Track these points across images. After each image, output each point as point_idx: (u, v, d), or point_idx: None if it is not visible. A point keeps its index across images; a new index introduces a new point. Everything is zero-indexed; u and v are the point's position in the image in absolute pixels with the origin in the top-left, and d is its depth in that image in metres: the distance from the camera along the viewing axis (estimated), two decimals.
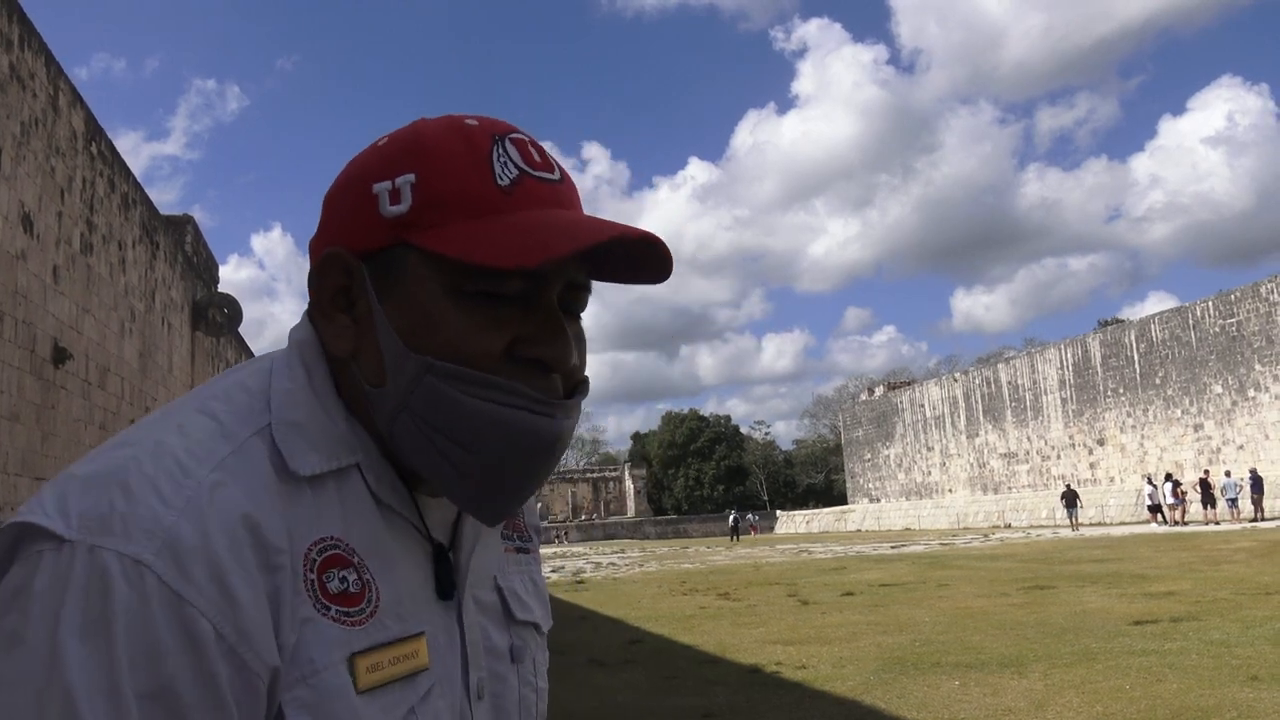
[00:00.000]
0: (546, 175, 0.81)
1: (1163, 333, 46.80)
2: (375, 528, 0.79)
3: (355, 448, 0.80)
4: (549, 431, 0.78)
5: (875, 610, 13.85)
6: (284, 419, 0.77)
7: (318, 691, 0.70)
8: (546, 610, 0.98)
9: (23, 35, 11.43)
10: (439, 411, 0.77)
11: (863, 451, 73.39)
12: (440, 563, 0.83)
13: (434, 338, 0.77)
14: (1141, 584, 15.24)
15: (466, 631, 0.84)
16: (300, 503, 0.74)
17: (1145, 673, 8.09)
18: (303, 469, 0.75)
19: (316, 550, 0.73)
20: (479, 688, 0.84)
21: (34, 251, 11.59)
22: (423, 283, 0.77)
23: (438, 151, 0.79)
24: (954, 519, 55.99)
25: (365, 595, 0.75)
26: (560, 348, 0.79)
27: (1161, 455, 46.40)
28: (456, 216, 0.77)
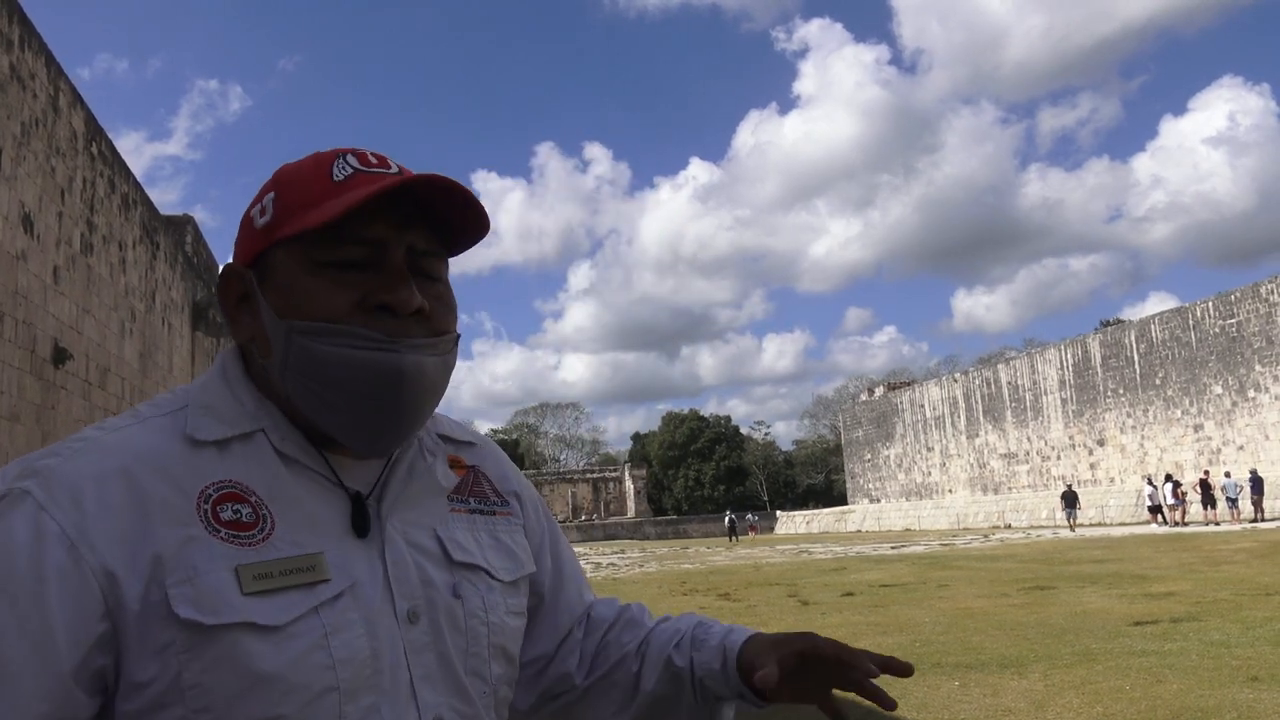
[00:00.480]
0: (381, 170, 1.01)
1: (1163, 333, 46.80)
2: (279, 477, 0.98)
3: (260, 419, 1.00)
4: (393, 365, 0.96)
5: (875, 611, 13.85)
6: (197, 403, 1.01)
7: (197, 588, 0.89)
8: (517, 564, 1.15)
9: (23, 36, 11.43)
10: (307, 363, 0.97)
11: (863, 452, 73.38)
12: (356, 507, 1.01)
13: (296, 306, 0.98)
14: (1142, 584, 15.24)
15: (390, 566, 1.00)
16: (201, 458, 0.96)
17: (1145, 673, 8.09)
18: (203, 435, 0.97)
19: (213, 488, 0.94)
20: (411, 613, 1.00)
21: (34, 252, 11.58)
22: (287, 266, 0.99)
23: (291, 173, 1.03)
24: (954, 519, 55.99)
25: (258, 525, 0.94)
26: (402, 294, 0.97)
27: (1162, 456, 46.40)
28: (301, 210, 0.99)
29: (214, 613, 0.88)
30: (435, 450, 1.12)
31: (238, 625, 0.89)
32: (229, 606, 0.89)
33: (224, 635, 0.88)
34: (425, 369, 0.99)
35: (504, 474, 1.22)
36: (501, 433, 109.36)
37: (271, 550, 0.93)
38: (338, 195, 0.97)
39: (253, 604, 0.90)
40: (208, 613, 0.88)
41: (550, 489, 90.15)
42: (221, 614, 0.89)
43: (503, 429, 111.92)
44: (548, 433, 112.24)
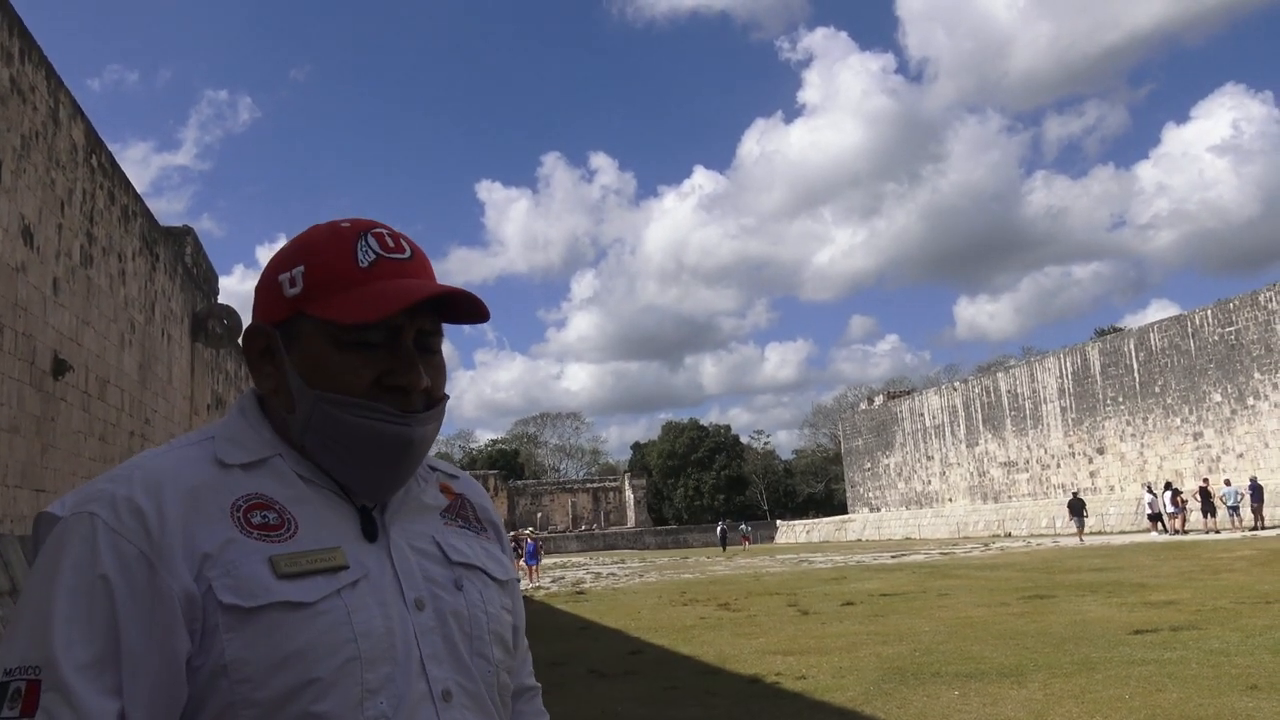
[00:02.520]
0: (398, 255, 1.20)
1: (1162, 341, 46.83)
2: (299, 491, 1.17)
3: (277, 447, 1.20)
4: (405, 436, 1.17)
5: (875, 620, 13.84)
6: (222, 435, 1.20)
7: (236, 578, 1.06)
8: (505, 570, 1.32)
9: (23, 48, 11.47)
10: (330, 428, 1.17)
11: (862, 461, 73.34)
12: (365, 517, 1.19)
13: (323, 377, 1.17)
14: (1141, 593, 15.23)
15: (397, 562, 1.17)
16: (231, 477, 1.14)
17: (1145, 682, 8.09)
18: (230, 459, 1.16)
19: (243, 499, 1.13)
20: (418, 601, 1.16)
21: (34, 264, 11.60)
22: (313, 340, 1.18)
23: (319, 248, 1.20)
24: (954, 528, 55.93)
25: (284, 525, 1.12)
26: (412, 376, 1.17)
27: (1161, 464, 46.37)
28: (332, 291, 1.17)
29: (252, 596, 1.06)
30: (428, 477, 1.32)
31: (274, 605, 1.06)
32: (265, 590, 1.06)
33: (262, 615, 1.05)
34: (426, 436, 1.20)
35: (485, 506, 1.40)
36: (501, 442, 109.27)
37: (298, 544, 1.11)
38: (364, 284, 1.16)
39: (286, 586, 1.07)
40: (247, 597, 1.06)
41: (550, 499, 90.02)
42: (259, 596, 1.06)
43: (503, 439, 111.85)
44: (548, 442, 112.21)
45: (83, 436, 13.23)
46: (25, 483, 11.12)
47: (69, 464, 12.52)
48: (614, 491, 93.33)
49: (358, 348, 1.16)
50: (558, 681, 10.21)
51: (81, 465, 12.95)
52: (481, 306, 1.22)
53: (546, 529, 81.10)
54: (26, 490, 11.15)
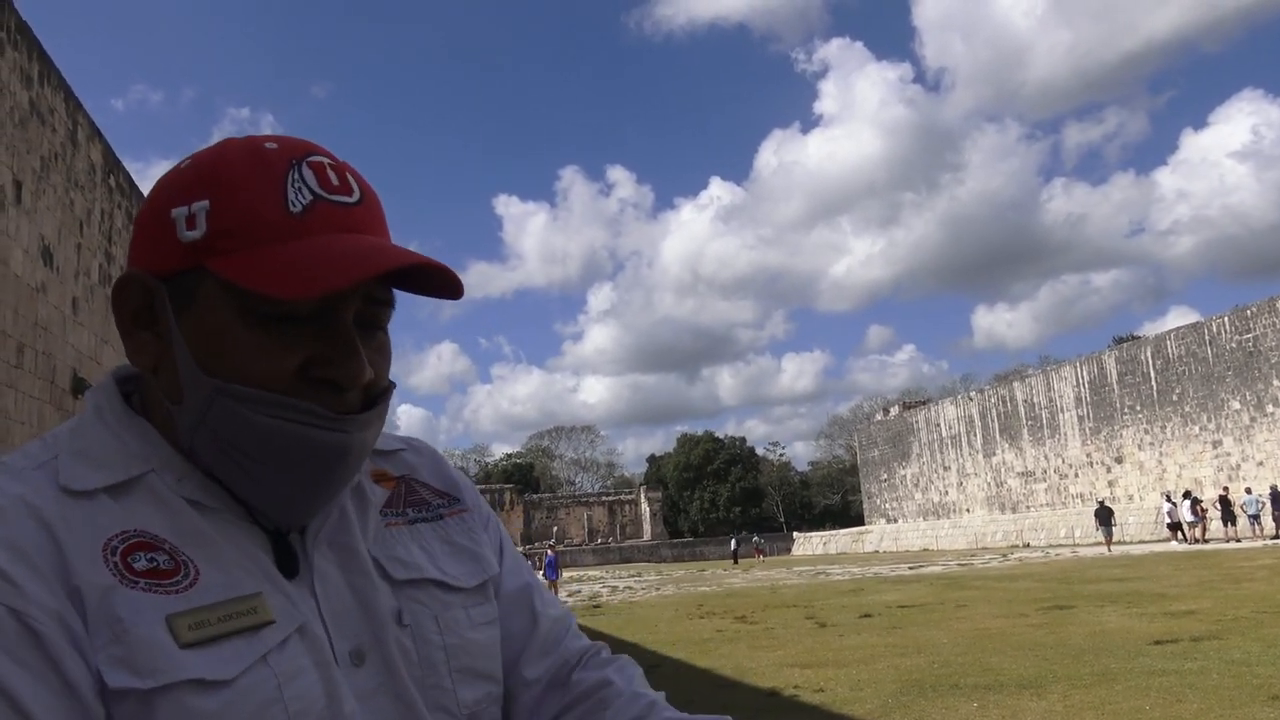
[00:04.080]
0: (342, 199, 0.86)
1: (1179, 349, 46.56)
2: (188, 520, 0.84)
3: (148, 459, 0.86)
4: (339, 445, 0.85)
5: (893, 632, 13.79)
6: (69, 449, 0.85)
7: (129, 646, 0.76)
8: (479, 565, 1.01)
9: (42, 71, 11.62)
10: (233, 429, 0.83)
11: (879, 472, 73.07)
12: (279, 546, 0.87)
13: (226, 361, 0.83)
14: (1162, 603, 15.13)
15: (323, 604, 0.87)
16: (91, 510, 0.81)
17: (1165, 693, 8.03)
18: (79, 485, 0.82)
19: (118, 539, 0.80)
20: (354, 654, 0.87)
21: (54, 284, 11.73)
22: (215, 308, 0.84)
23: (232, 177, 0.84)
24: (972, 539, 55.65)
25: (180, 571, 0.80)
26: (352, 367, 0.85)
27: (1180, 472, 46.06)
28: (246, 243, 0.82)
29: (151, 673, 0.75)
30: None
31: (180, 684, 0.75)
32: (168, 662, 0.76)
33: (165, 698, 0.75)
34: (366, 442, 0.89)
35: (444, 474, 1.07)
36: (516, 456, 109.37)
37: (202, 595, 0.80)
38: (295, 237, 0.83)
39: (193, 657, 0.77)
40: (145, 674, 0.75)
41: (566, 512, 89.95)
42: (160, 673, 0.75)
43: (518, 452, 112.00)
44: (563, 456, 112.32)
45: None
46: None
47: None
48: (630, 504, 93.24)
49: (279, 323, 0.83)
50: None
51: None
52: (454, 282, 0.88)
53: (562, 543, 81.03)
54: None
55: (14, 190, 10.65)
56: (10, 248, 10.54)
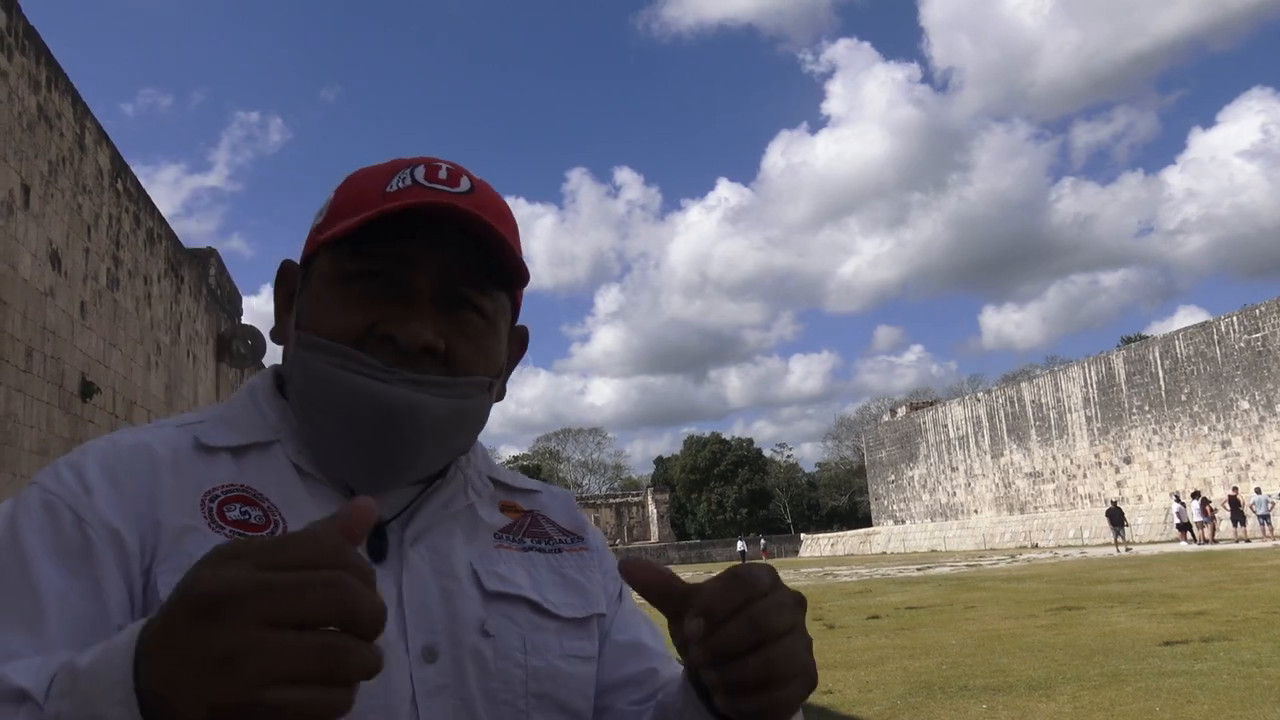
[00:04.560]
0: (445, 187, 0.93)
1: (1188, 349, 46.42)
2: (293, 488, 0.91)
3: (277, 431, 0.95)
4: (386, 397, 0.88)
5: (901, 633, 13.75)
6: (213, 416, 0.96)
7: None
8: (586, 600, 1.00)
9: (50, 76, 11.65)
10: (304, 378, 0.92)
11: (886, 473, 72.95)
12: (373, 530, 0.89)
13: (311, 317, 0.93)
14: (1171, 604, 15.07)
15: (406, 595, 0.89)
16: (212, 463, 0.90)
17: (1175, 694, 8.00)
18: (212, 441, 0.92)
19: (221, 490, 0.88)
20: (427, 650, 0.88)
21: (62, 288, 11.76)
22: (320, 274, 0.94)
23: (357, 177, 0.98)
24: (980, 540, 55.52)
25: (269, 526, 0.87)
26: (412, 326, 0.90)
27: (1189, 473, 45.91)
28: (343, 216, 0.93)
29: None
30: (483, 491, 1.02)
31: None
32: None
33: None
34: (423, 407, 0.90)
35: (574, 518, 1.09)
36: (524, 458, 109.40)
37: None
38: (377, 206, 0.90)
39: None
40: None
41: None
42: None
43: (525, 454, 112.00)
44: (570, 458, 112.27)
45: None
46: None
47: None
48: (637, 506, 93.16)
49: (358, 281, 0.91)
50: None
51: None
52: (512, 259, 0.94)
53: None
54: None
55: (22, 194, 10.68)
56: (19, 252, 10.58)
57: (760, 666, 0.72)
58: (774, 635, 0.72)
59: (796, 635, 0.74)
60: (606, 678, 1.01)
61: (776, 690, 0.73)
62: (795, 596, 0.76)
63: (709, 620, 0.73)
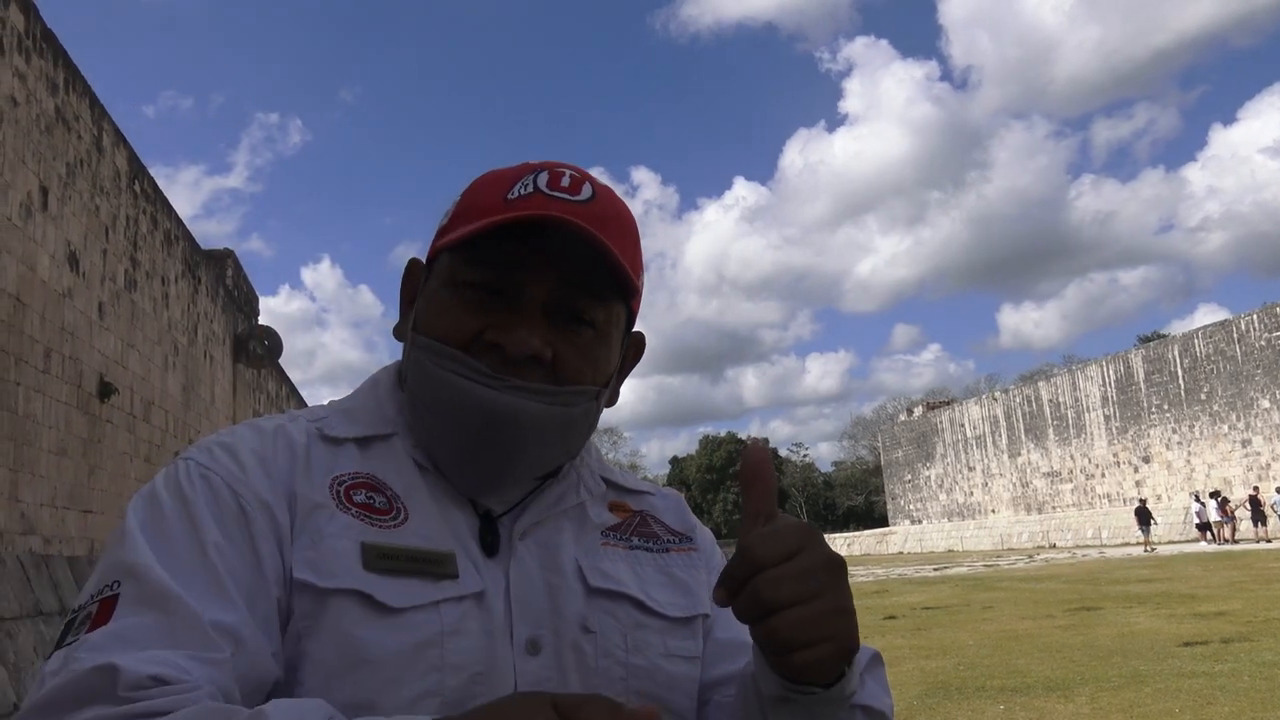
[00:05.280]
0: (567, 196, 0.93)
1: (1207, 347, 46.07)
2: (413, 480, 0.95)
3: (396, 424, 0.99)
4: (493, 402, 0.91)
5: (918, 634, 13.70)
6: (339, 407, 1.02)
7: (320, 552, 0.87)
8: (691, 600, 1.01)
9: (68, 79, 11.73)
10: (418, 379, 0.96)
11: (903, 472, 72.71)
12: (485, 525, 0.95)
13: (426, 319, 0.97)
14: (1191, 604, 14.96)
15: (514, 587, 0.92)
16: (337, 452, 0.95)
17: (1195, 695, 7.93)
18: (335, 432, 0.97)
19: (349, 476, 0.93)
20: (531, 642, 0.91)
21: (80, 289, 11.83)
22: (439, 277, 0.98)
23: (482, 181, 1.00)
24: (997, 540, 55.27)
25: (392, 513, 0.91)
26: (518, 334, 0.92)
27: (1209, 472, 45.56)
28: (464, 222, 0.95)
29: (330, 575, 0.85)
30: (594, 490, 1.05)
31: (352, 593, 0.84)
32: (347, 573, 0.85)
33: (333, 603, 0.84)
34: (527, 414, 0.92)
35: (685, 520, 1.11)
36: None
37: (402, 537, 0.89)
38: (497, 214, 0.92)
39: (373, 579, 0.85)
40: (324, 575, 0.85)
41: None
42: (338, 578, 0.85)
43: None
44: None
45: (128, 458, 13.43)
46: (73, 504, 11.31)
47: (115, 485, 12.71)
48: None
49: (471, 289, 0.94)
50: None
51: (128, 486, 13.14)
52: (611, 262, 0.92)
53: None
54: (74, 511, 11.33)
55: (40, 196, 10.75)
56: (37, 253, 10.64)
57: (768, 634, 0.75)
58: (779, 606, 0.74)
59: (818, 602, 0.75)
60: (707, 675, 1.02)
61: (798, 654, 0.75)
62: (828, 561, 0.77)
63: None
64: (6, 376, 9.75)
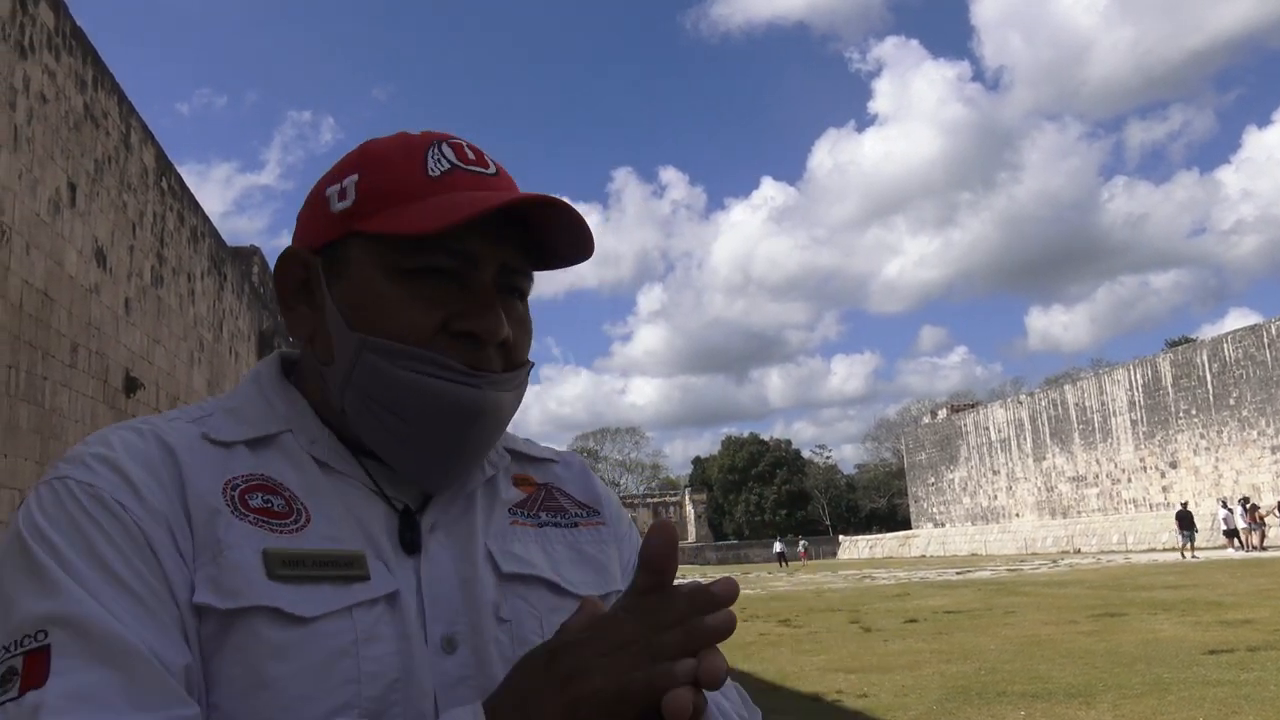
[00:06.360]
0: (479, 169, 0.92)
1: (1236, 352, 45.57)
2: (313, 479, 0.88)
3: (289, 421, 0.91)
4: (474, 401, 0.87)
5: (939, 638, 13.61)
6: (221, 407, 0.92)
7: (221, 568, 0.79)
8: (604, 578, 0.98)
9: (96, 76, 11.84)
10: (376, 384, 0.87)
11: (926, 475, 72.34)
12: (404, 520, 0.89)
13: (373, 316, 0.88)
14: (1217, 611, 14.78)
15: (426, 585, 0.86)
16: (227, 455, 0.87)
17: (1220, 704, 7.83)
18: (221, 436, 0.88)
19: (241, 479, 0.85)
20: (446, 640, 0.85)
21: (107, 284, 11.95)
22: (364, 266, 0.89)
23: (380, 155, 0.92)
24: (1021, 544, 54.89)
25: (292, 515, 0.84)
26: (490, 321, 0.88)
27: (1238, 478, 45.07)
28: (390, 203, 0.88)
29: (233, 594, 0.78)
30: (498, 464, 1.00)
31: (257, 610, 0.78)
32: (250, 588, 0.78)
33: (240, 622, 0.77)
34: (502, 405, 0.90)
35: (590, 489, 1.07)
36: None
37: (305, 540, 0.83)
38: (433, 194, 0.88)
39: (279, 590, 0.79)
40: (227, 596, 0.78)
41: None
42: (241, 595, 0.78)
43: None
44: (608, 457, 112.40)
45: None
46: None
47: None
48: (674, 506, 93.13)
49: (422, 276, 0.87)
50: None
51: None
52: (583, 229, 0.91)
53: None
54: None
55: (69, 193, 10.86)
56: (65, 249, 10.76)
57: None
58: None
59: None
60: None
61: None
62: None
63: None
64: (34, 371, 9.86)
